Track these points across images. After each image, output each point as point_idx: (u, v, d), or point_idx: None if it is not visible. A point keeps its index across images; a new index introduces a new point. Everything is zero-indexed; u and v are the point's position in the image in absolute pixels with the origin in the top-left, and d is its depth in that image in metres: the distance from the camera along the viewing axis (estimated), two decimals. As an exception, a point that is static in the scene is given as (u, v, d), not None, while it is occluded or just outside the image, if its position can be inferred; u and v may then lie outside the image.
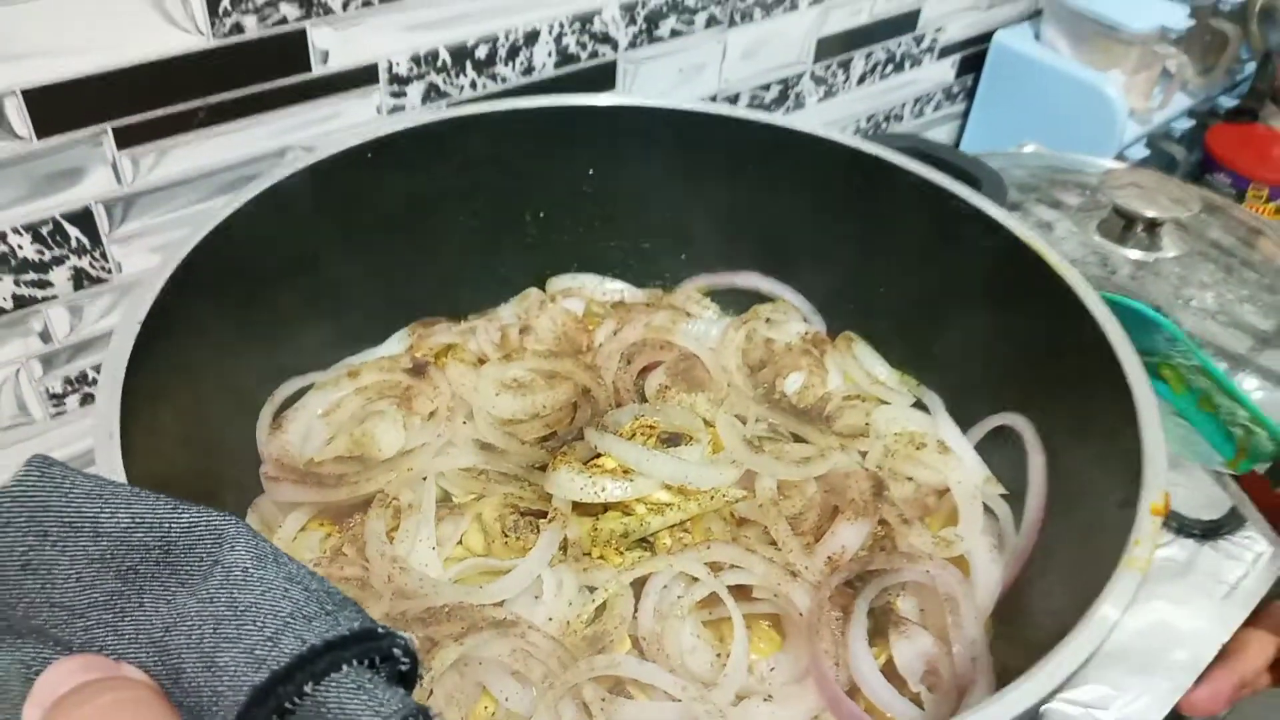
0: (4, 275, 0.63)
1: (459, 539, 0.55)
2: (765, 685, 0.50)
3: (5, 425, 0.68)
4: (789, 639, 0.53)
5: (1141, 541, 0.43)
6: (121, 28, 0.60)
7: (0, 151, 0.59)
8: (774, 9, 0.96)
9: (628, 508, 0.56)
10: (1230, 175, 1.27)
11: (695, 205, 0.71)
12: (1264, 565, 0.73)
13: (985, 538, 0.57)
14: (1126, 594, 0.41)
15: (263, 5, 0.65)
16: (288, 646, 0.26)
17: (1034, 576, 0.55)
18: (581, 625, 0.51)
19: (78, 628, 0.28)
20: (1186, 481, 0.77)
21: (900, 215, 0.65)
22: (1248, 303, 0.86)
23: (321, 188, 0.60)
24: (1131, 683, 0.64)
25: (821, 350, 0.69)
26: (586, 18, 0.82)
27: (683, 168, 0.70)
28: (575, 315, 0.72)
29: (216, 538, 0.28)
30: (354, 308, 0.66)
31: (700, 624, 0.53)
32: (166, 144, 0.66)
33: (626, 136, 0.69)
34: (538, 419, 0.63)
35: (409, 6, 0.71)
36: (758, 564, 0.53)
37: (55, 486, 0.29)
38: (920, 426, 0.64)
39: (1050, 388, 0.58)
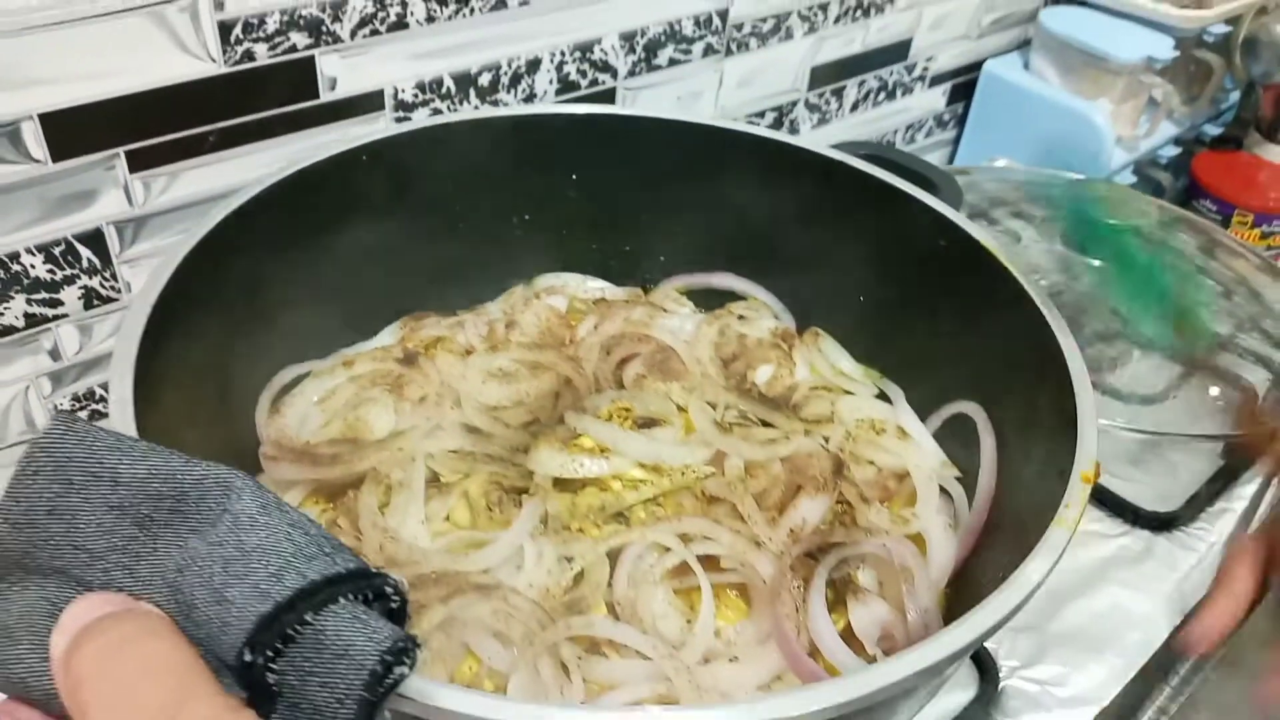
0: (16, 294, 0.65)
1: (446, 515, 0.58)
2: (731, 648, 0.54)
3: (13, 441, 0.70)
4: (754, 606, 0.56)
5: (1071, 504, 0.46)
6: (137, 55, 0.62)
7: (17, 174, 0.61)
8: (769, 38, 0.98)
9: (604, 484, 0.60)
10: (1216, 201, 1.30)
11: (673, 210, 0.75)
12: (1216, 554, 0.76)
13: (940, 516, 0.62)
14: (1056, 549, 0.44)
15: (273, 34, 0.66)
16: (290, 582, 0.28)
17: (985, 548, 0.59)
18: (560, 592, 0.54)
19: (97, 569, 0.31)
20: (1147, 478, 0.81)
21: (863, 218, 0.69)
22: (1204, 308, 0.89)
23: (317, 190, 0.63)
24: (1087, 661, 0.68)
25: (790, 344, 0.73)
26: (587, 46, 0.84)
27: (660, 174, 0.73)
28: (558, 311, 0.75)
29: (225, 488, 0.31)
30: (349, 303, 0.70)
31: (671, 592, 0.56)
32: (177, 167, 0.67)
33: (607, 144, 0.72)
34: (521, 405, 0.66)
35: (415, 35, 0.73)
36: (725, 535, 0.57)
37: (79, 440, 0.31)
38: (881, 415, 0.68)
39: (1000, 376, 0.62)
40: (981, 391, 0.64)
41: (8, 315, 0.65)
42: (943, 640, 0.39)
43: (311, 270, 0.64)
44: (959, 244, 0.63)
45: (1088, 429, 0.49)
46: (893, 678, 0.37)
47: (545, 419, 0.65)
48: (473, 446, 0.61)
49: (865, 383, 0.71)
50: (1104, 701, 0.67)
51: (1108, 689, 0.67)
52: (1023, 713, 0.65)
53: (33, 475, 0.31)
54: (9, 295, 0.64)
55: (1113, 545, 0.77)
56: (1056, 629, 0.70)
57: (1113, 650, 0.70)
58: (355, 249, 0.66)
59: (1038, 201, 1.03)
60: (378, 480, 0.58)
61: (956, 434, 0.66)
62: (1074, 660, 0.69)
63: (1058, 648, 0.69)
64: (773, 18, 0.97)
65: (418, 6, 0.72)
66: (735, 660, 0.52)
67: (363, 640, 0.28)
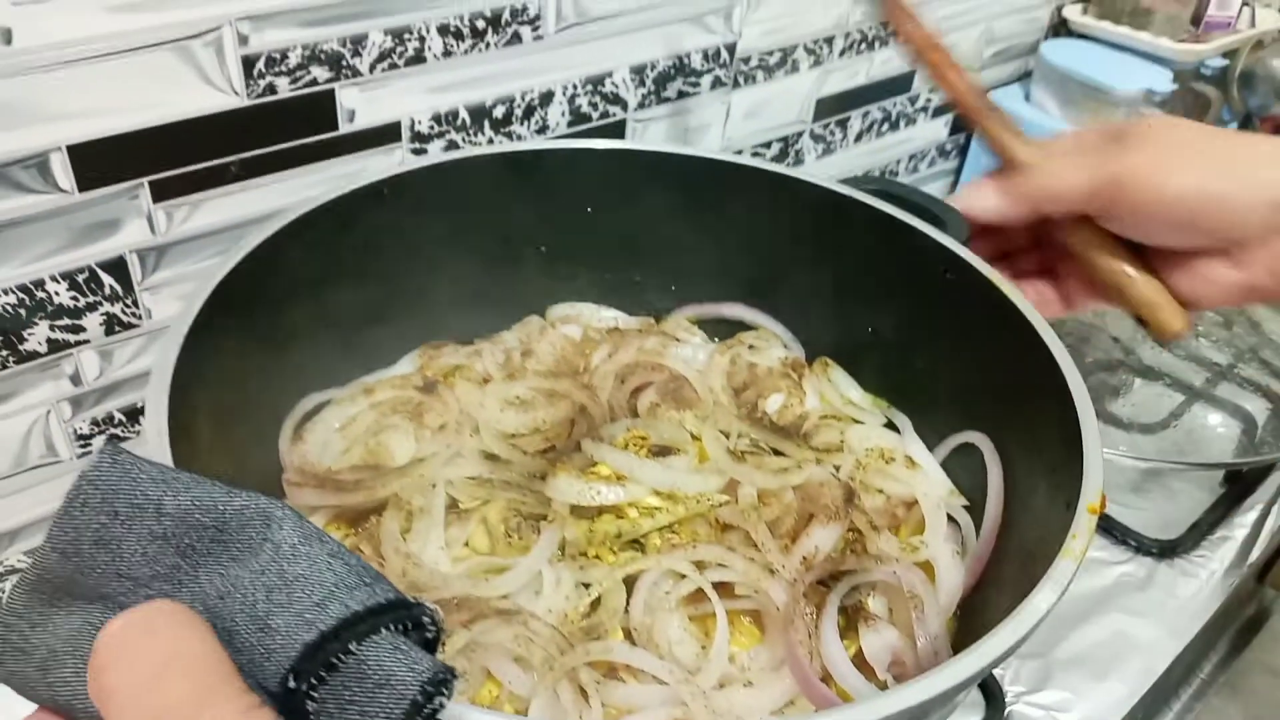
0: (40, 320, 0.66)
1: (466, 540, 0.60)
2: (745, 674, 0.54)
3: (33, 464, 0.71)
4: (768, 633, 0.57)
5: (1078, 535, 0.46)
6: (163, 89, 0.63)
7: (44, 204, 0.62)
8: (776, 71, 1.00)
9: (621, 511, 0.61)
10: (1213, 232, 1.31)
11: (684, 242, 0.76)
12: (1216, 581, 0.77)
13: (948, 544, 0.63)
14: (1063, 580, 0.44)
15: (295, 68, 0.68)
16: (335, 611, 0.29)
17: (992, 576, 0.60)
18: (578, 617, 0.55)
19: (140, 595, 0.31)
20: (1148, 506, 0.83)
21: (871, 251, 0.70)
22: (1204, 338, 0.91)
23: (341, 223, 0.64)
24: (1092, 687, 0.69)
25: (800, 374, 0.74)
26: (599, 80, 0.86)
27: (672, 207, 0.74)
28: (573, 340, 0.76)
29: (265, 519, 0.31)
30: (369, 332, 0.71)
31: (687, 618, 0.57)
32: (199, 197, 0.69)
33: (620, 178, 0.73)
34: (538, 433, 0.67)
35: (431, 70, 0.75)
36: (739, 562, 0.58)
37: (125, 473, 0.32)
38: (890, 444, 0.70)
39: (1006, 407, 0.63)
40: (988, 422, 0.65)
41: (31, 341, 0.66)
42: (953, 668, 0.40)
43: (335, 300, 0.66)
44: (964, 276, 0.64)
45: (1093, 461, 0.50)
46: (904, 704, 0.38)
47: (561, 446, 0.66)
48: (491, 474, 0.62)
49: (874, 412, 0.73)
50: (1108, 727, 0.68)
51: (1112, 714, 0.68)
52: (1028, 739, 0.66)
53: (80, 506, 0.32)
54: (33, 321, 0.65)
55: (1116, 572, 0.78)
56: (1062, 655, 0.71)
57: (1116, 676, 0.71)
58: (375, 280, 0.68)
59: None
60: (399, 506, 0.59)
61: (963, 463, 0.67)
62: (1079, 686, 0.70)
63: (1063, 673, 0.70)
64: (779, 51, 0.99)
65: (435, 42, 0.74)
66: (750, 685, 0.53)
67: (404, 670, 0.29)
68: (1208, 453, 0.80)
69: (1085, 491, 0.49)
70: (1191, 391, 0.85)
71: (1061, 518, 0.49)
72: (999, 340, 0.62)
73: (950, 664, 0.40)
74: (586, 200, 0.74)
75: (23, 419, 0.68)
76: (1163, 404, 0.84)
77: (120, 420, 0.73)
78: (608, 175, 0.73)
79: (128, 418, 0.73)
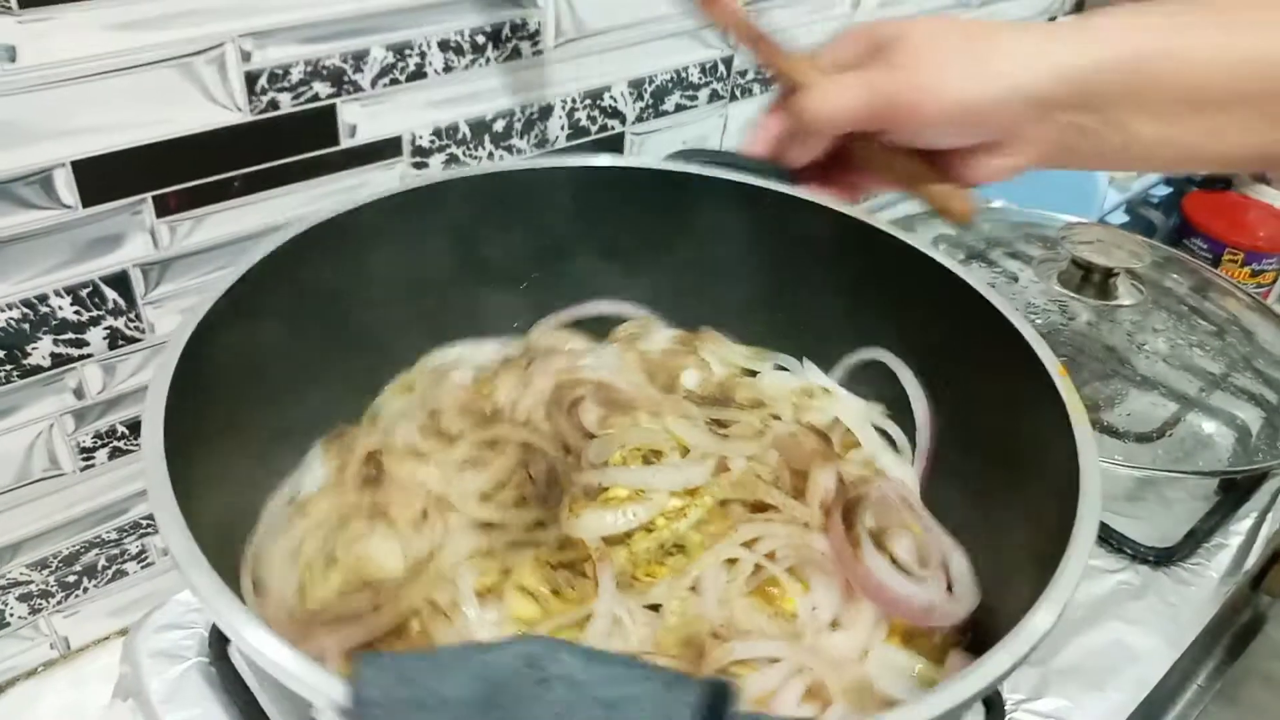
0: (44, 335, 0.66)
1: (512, 615, 0.56)
2: (822, 618, 0.57)
3: (36, 478, 0.71)
4: (818, 577, 0.59)
5: (1067, 394, 0.53)
6: (166, 105, 0.64)
7: (48, 220, 0.63)
8: (772, 84, 1.01)
9: (650, 525, 0.61)
10: (1206, 240, 1.32)
11: (519, 248, 0.74)
12: (1212, 588, 0.78)
13: (886, 451, 0.70)
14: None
15: (297, 83, 0.69)
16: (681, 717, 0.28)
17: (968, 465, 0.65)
18: (667, 639, 0.55)
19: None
20: (1144, 514, 0.84)
21: (717, 218, 0.72)
22: (1197, 348, 0.91)
23: None
24: (1090, 695, 0.69)
25: (693, 347, 0.76)
26: (597, 94, 0.86)
27: (496, 224, 0.72)
28: (467, 386, 0.72)
29: (530, 660, 0.30)
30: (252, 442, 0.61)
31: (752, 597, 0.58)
32: (203, 212, 0.69)
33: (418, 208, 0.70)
34: (504, 487, 0.63)
35: (432, 85, 0.76)
36: (779, 529, 0.60)
37: (399, 676, 0.32)
38: (798, 384, 0.74)
39: (902, 312, 0.69)
40: (873, 334, 0.72)
41: (35, 355, 0.66)
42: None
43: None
44: (786, 207, 0.69)
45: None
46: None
47: (531, 493, 0.62)
48: (490, 542, 0.59)
49: (761, 362, 0.76)
50: (1107, 735, 0.68)
51: (1108, 724, 0.69)
52: (1027, 746, 0.67)
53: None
54: (37, 336, 0.66)
55: (1112, 581, 0.79)
56: (1060, 663, 0.72)
57: (1113, 684, 0.71)
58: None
59: (1033, 242, 1.05)
60: (436, 611, 0.55)
61: (867, 377, 0.73)
62: (1077, 694, 0.70)
63: (1061, 682, 0.71)
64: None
65: (435, 57, 0.75)
66: (837, 626, 0.56)
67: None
68: (1203, 461, 0.80)
69: (1044, 363, 0.55)
70: (1186, 400, 0.85)
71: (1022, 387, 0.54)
72: (840, 253, 0.68)
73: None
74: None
75: (26, 433, 0.69)
76: (1157, 413, 0.84)
77: (123, 434, 0.74)
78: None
79: (130, 430, 0.74)
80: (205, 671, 0.65)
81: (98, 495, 0.75)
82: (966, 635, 0.58)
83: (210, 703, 0.63)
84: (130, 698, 0.65)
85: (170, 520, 0.43)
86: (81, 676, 0.78)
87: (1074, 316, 0.93)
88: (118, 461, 0.74)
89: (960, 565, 0.60)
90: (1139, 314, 0.94)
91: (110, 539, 0.77)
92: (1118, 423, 0.83)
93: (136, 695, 0.64)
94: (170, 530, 0.43)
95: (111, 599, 0.80)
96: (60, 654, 0.79)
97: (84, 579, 0.77)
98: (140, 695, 0.64)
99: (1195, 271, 1.05)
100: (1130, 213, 1.37)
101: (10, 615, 0.75)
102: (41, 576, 0.75)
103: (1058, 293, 0.95)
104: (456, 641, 0.54)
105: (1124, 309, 0.94)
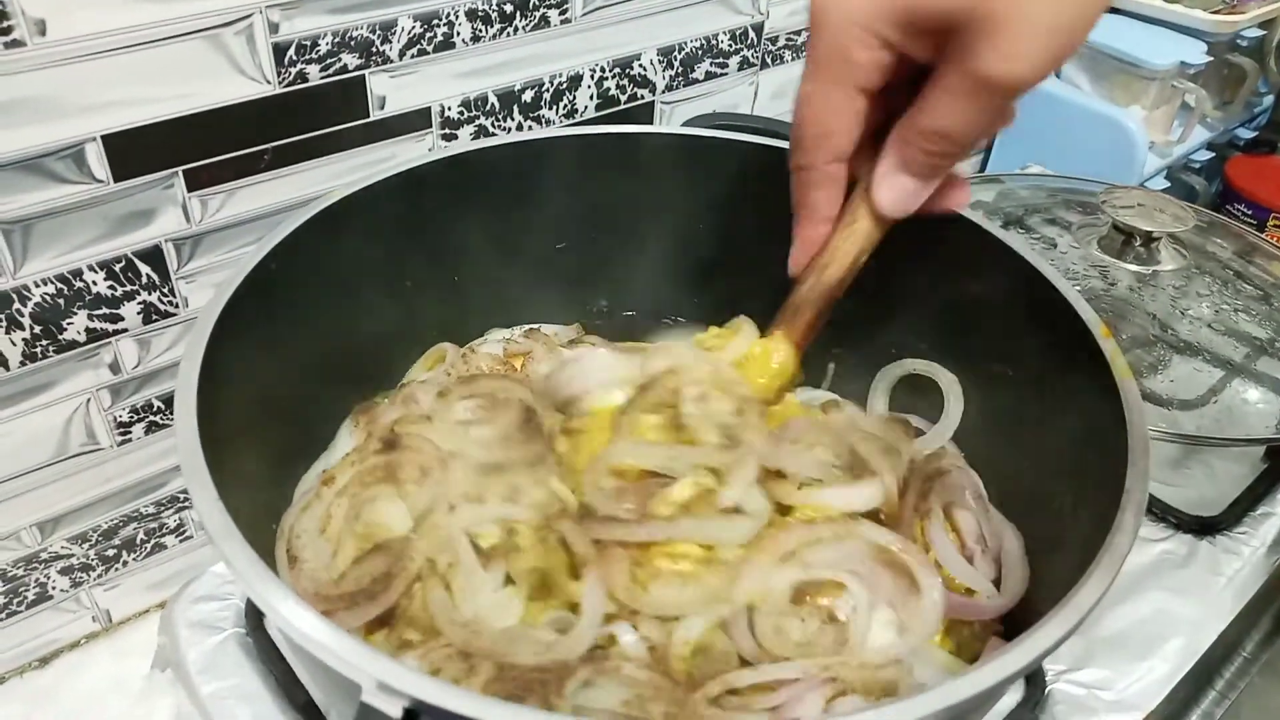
0: (79, 310, 0.67)
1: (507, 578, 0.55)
2: (862, 620, 0.54)
3: (74, 452, 0.72)
4: (862, 578, 0.55)
5: (1114, 354, 0.52)
6: (195, 78, 0.64)
7: (81, 194, 0.63)
8: (803, 51, 0.99)
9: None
10: (1250, 206, 1.30)
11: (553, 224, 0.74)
12: (1260, 558, 0.76)
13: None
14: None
15: (325, 55, 0.68)
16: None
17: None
18: (686, 652, 0.52)
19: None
20: (1188, 483, 0.82)
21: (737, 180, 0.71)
22: (1243, 313, 0.89)
23: None
24: (1133, 665, 0.68)
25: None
26: (626, 63, 0.85)
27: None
28: (498, 356, 0.73)
29: None
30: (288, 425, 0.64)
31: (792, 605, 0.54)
32: (233, 185, 0.69)
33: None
34: (506, 439, 0.62)
35: (461, 55, 0.75)
36: (822, 531, 0.56)
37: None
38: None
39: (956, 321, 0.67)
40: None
41: (70, 330, 0.67)
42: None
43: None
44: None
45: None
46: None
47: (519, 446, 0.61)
48: (490, 481, 0.58)
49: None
50: (1150, 706, 0.67)
51: (1154, 693, 0.68)
52: (1070, 716, 0.66)
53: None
54: (72, 311, 0.66)
55: (1156, 550, 0.77)
56: (1102, 633, 0.71)
57: (1158, 655, 0.70)
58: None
59: (1072, 208, 1.03)
60: (432, 572, 0.54)
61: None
62: (1120, 665, 0.69)
63: (1104, 652, 0.70)
64: (806, 30, 0.98)
65: (464, 27, 0.74)
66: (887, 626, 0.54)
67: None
68: (1248, 428, 0.79)
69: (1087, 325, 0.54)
70: (1231, 367, 0.83)
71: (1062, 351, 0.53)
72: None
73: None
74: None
75: (63, 408, 0.69)
76: (1201, 380, 0.82)
77: (159, 408, 0.74)
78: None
79: (166, 405, 0.74)
80: (242, 642, 0.65)
81: (135, 470, 0.75)
82: (1001, 623, 0.57)
83: (247, 673, 0.63)
84: (168, 668, 0.66)
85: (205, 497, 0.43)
86: (123, 649, 0.79)
87: (1115, 282, 0.91)
88: (154, 436, 0.75)
89: (1013, 549, 0.59)
90: (1181, 279, 0.92)
91: (149, 513, 0.77)
92: (1160, 390, 0.81)
93: (175, 666, 0.65)
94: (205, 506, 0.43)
95: (150, 573, 0.80)
96: (102, 627, 0.80)
97: (123, 553, 0.78)
98: (178, 666, 0.64)
99: (1240, 236, 1.03)
100: (1171, 178, 1.35)
101: (53, 588, 0.75)
102: (82, 550, 0.75)
103: (1098, 258, 0.93)
104: (446, 616, 0.52)
105: (1166, 274, 0.92)
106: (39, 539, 0.73)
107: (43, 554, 0.73)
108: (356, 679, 0.36)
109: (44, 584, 0.75)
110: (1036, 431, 0.61)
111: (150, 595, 0.81)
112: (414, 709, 0.35)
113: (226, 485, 0.44)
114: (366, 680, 0.36)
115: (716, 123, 0.72)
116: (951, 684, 0.38)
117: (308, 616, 0.38)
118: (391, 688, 0.35)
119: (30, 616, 0.75)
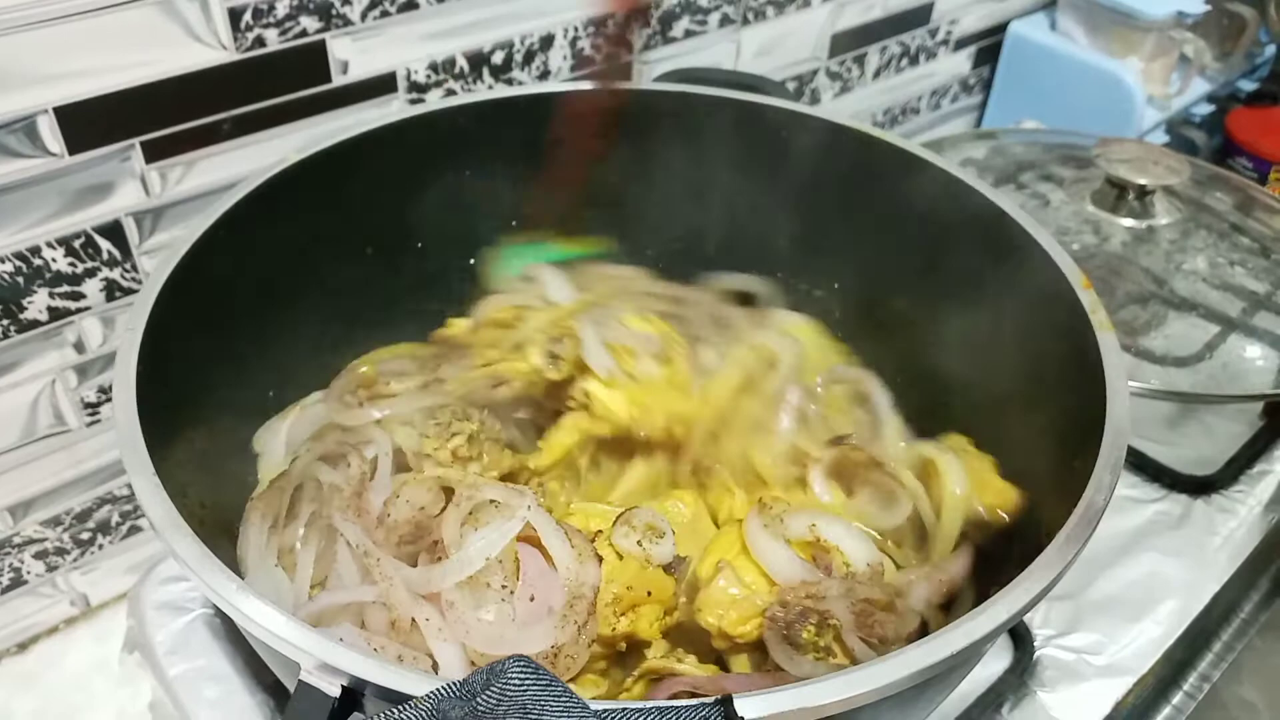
0: (39, 288, 0.65)
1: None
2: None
3: (42, 434, 0.70)
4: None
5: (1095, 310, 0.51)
6: (148, 46, 0.62)
7: (34, 168, 0.61)
8: (787, 6, 0.97)
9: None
10: (1252, 159, 1.27)
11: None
12: (1255, 517, 0.75)
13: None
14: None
15: (283, 19, 0.66)
16: None
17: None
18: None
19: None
20: (1183, 441, 0.80)
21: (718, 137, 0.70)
22: (1240, 266, 0.87)
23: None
24: (1125, 629, 0.67)
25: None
26: (601, 21, 0.83)
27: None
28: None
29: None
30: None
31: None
32: (193, 156, 0.67)
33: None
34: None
35: (426, 16, 0.73)
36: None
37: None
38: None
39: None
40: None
41: (31, 309, 0.65)
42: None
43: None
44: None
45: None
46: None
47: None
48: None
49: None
50: (1142, 669, 0.66)
51: (1146, 657, 0.66)
52: (1059, 682, 0.64)
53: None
54: (32, 289, 0.65)
55: (1149, 510, 0.76)
56: (1093, 597, 0.69)
57: (1151, 617, 0.68)
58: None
59: (1067, 163, 1.01)
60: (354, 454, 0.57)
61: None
62: (1111, 628, 0.67)
63: (1094, 616, 0.68)
64: (790, -15, 0.96)
65: (427, -14, 0.72)
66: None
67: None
68: (1245, 385, 0.76)
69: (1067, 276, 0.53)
70: (1227, 322, 0.81)
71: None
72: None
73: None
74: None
75: (29, 388, 0.68)
76: (1197, 336, 0.80)
77: (128, 387, 0.72)
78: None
79: (135, 384, 0.73)
80: (210, 622, 0.64)
81: (106, 451, 0.74)
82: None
83: (215, 654, 0.62)
84: (137, 650, 0.65)
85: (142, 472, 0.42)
86: (105, 631, 0.78)
87: (1108, 238, 0.89)
88: (125, 416, 0.73)
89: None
90: (1177, 233, 0.90)
91: (122, 495, 0.76)
92: (1155, 346, 0.79)
93: (142, 648, 0.64)
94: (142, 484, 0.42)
95: (128, 555, 0.79)
96: (80, 611, 0.79)
97: (98, 535, 0.77)
98: (145, 647, 0.63)
99: (1240, 189, 1.00)
100: (1170, 132, 1.31)
101: (28, 573, 0.74)
102: (55, 534, 0.74)
103: (1091, 213, 0.91)
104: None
105: (1162, 228, 0.90)
106: (10, 524, 0.71)
107: (15, 538, 0.72)
108: (296, 658, 0.35)
109: (18, 569, 0.74)
110: (1020, 391, 0.59)
111: (129, 578, 0.80)
112: (353, 687, 0.34)
113: (169, 462, 0.43)
114: (306, 659, 0.35)
115: (691, 77, 0.69)
116: (913, 650, 0.37)
117: (246, 598, 0.37)
118: (331, 666, 0.34)
119: (5, 602, 0.74)
